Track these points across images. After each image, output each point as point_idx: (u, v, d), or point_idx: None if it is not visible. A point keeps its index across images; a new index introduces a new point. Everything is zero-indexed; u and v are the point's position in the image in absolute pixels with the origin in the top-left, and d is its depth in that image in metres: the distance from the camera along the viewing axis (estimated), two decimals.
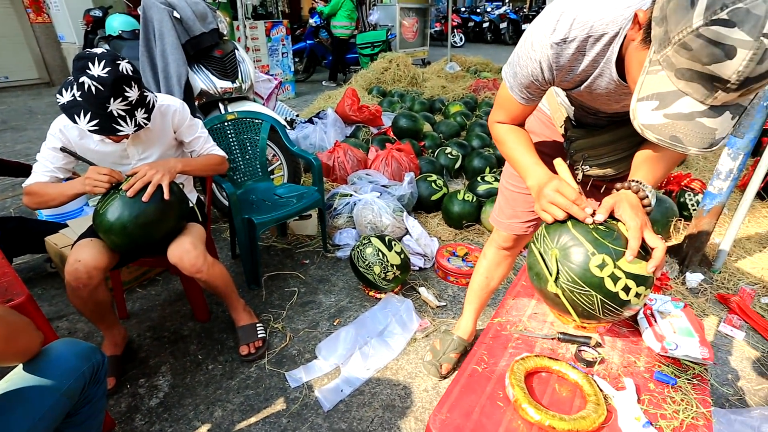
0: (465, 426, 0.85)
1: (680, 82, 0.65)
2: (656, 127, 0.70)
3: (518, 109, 1.04)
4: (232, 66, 2.62)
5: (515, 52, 0.94)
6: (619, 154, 1.12)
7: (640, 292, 0.95)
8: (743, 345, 1.91)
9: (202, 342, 1.87)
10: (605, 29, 0.81)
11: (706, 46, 0.59)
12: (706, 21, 0.58)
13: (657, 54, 0.67)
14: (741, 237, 2.69)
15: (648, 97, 0.69)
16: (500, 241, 1.49)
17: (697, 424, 0.88)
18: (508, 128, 1.08)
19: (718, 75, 0.60)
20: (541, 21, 0.86)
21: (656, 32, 0.66)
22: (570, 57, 0.86)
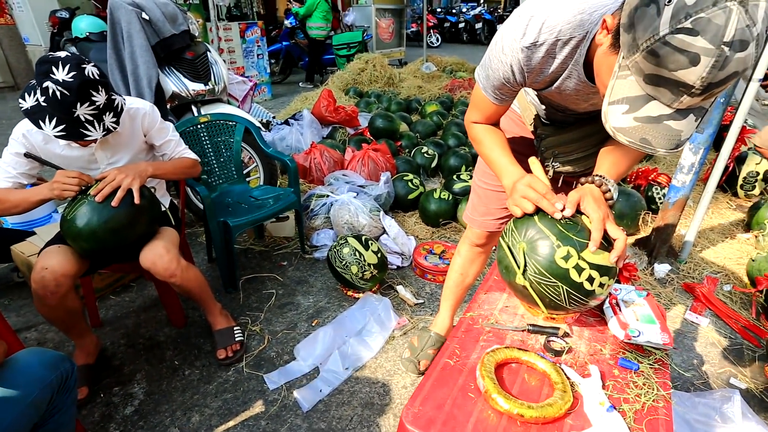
0: (437, 418, 0.87)
1: (648, 87, 0.68)
2: (627, 130, 0.73)
3: (492, 108, 1.07)
4: (205, 68, 2.59)
5: (487, 55, 0.97)
6: (588, 150, 1.16)
7: (603, 282, 0.99)
8: (707, 331, 1.99)
9: (179, 348, 1.85)
10: (573, 33, 0.84)
11: (672, 53, 0.62)
12: (672, 29, 0.61)
13: (626, 59, 0.69)
14: (705, 228, 2.80)
15: (618, 101, 0.72)
16: (473, 239, 1.51)
17: (657, 406, 0.92)
18: (485, 128, 1.11)
19: (684, 81, 0.63)
20: (511, 25, 0.89)
21: (624, 39, 0.69)
22: (540, 60, 0.89)
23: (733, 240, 2.68)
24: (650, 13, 0.63)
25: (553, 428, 0.85)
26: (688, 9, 0.59)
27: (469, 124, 1.14)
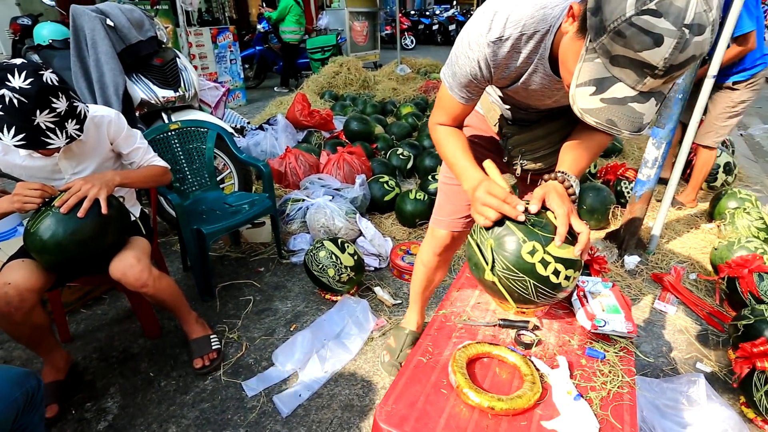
0: (410, 415, 0.88)
1: (615, 69, 0.71)
2: (594, 111, 0.75)
3: (458, 108, 1.08)
4: (174, 74, 2.55)
5: (453, 53, 0.98)
6: (554, 146, 1.19)
7: (569, 275, 1.02)
8: (675, 319, 2.07)
9: (154, 359, 1.81)
10: (537, 27, 0.87)
11: (638, 33, 0.64)
12: (638, 11, 0.63)
13: (593, 42, 0.72)
14: (671, 220, 2.90)
15: (586, 83, 0.74)
16: (437, 245, 1.49)
17: (622, 392, 0.95)
18: (448, 131, 1.12)
19: (648, 61, 0.66)
20: (476, 21, 0.91)
21: (591, 22, 0.71)
22: (506, 55, 0.91)
23: (697, 230, 2.79)
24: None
25: (523, 419, 0.88)
26: None
27: (434, 126, 1.15)
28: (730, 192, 2.78)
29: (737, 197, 2.71)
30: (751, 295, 1.96)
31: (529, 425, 0.87)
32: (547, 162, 1.25)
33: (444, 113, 1.11)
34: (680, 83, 2.03)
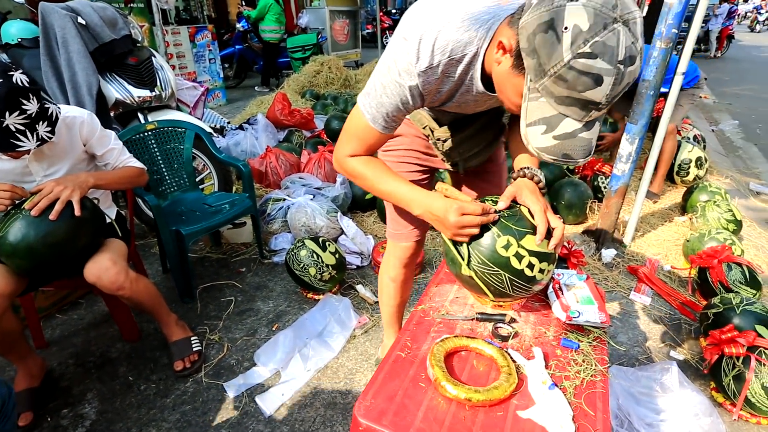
0: (388, 409, 0.89)
1: (561, 107, 0.73)
2: (548, 149, 0.78)
3: (378, 139, 1.00)
4: (150, 74, 2.51)
5: (377, 82, 0.91)
6: (488, 140, 1.22)
7: (543, 268, 1.05)
8: (650, 309, 2.13)
9: (133, 363, 1.78)
10: (464, 50, 0.85)
11: (578, 76, 0.67)
12: (574, 54, 0.66)
13: (534, 83, 0.73)
14: (646, 214, 2.98)
15: (535, 122, 0.76)
16: (403, 257, 1.44)
17: (595, 380, 0.98)
18: (365, 160, 1.03)
19: (592, 99, 0.70)
20: (402, 49, 0.86)
21: (529, 63, 0.72)
22: (436, 80, 0.89)
23: (671, 223, 2.87)
24: (550, 39, 0.67)
25: (499, 409, 0.89)
26: (584, 35, 0.65)
27: (344, 159, 1.03)
28: (701, 186, 2.86)
29: (708, 190, 2.80)
30: (720, 285, 2.03)
31: (505, 415, 0.89)
32: (483, 156, 1.27)
33: (359, 144, 1.01)
34: (650, 80, 2.09)
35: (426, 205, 0.98)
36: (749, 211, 3.18)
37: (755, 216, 3.11)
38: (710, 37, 11.31)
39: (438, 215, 0.96)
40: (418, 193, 1.00)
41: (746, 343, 1.53)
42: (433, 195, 0.99)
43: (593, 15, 0.65)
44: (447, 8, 0.85)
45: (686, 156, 3.29)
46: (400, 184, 1.02)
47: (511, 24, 0.78)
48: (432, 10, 0.86)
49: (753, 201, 3.45)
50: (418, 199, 0.99)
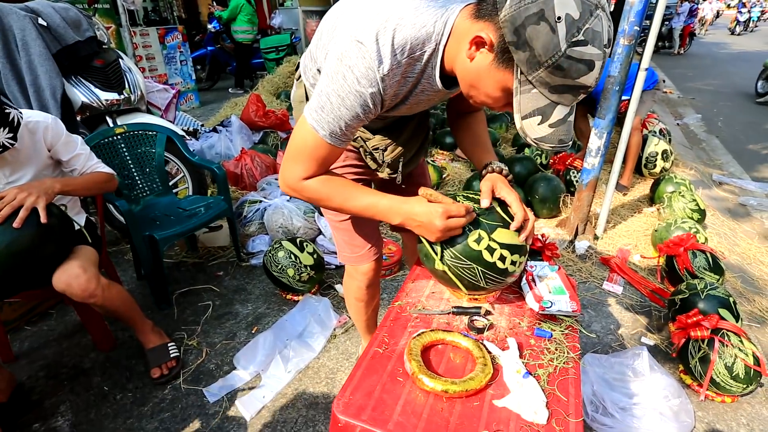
0: (367, 405, 0.90)
1: (554, 96, 0.75)
2: (546, 138, 0.79)
3: (334, 154, 0.93)
4: (117, 76, 2.45)
5: (332, 94, 0.84)
6: (419, 141, 1.21)
7: (515, 260, 1.07)
8: (622, 298, 2.20)
9: (108, 372, 1.74)
10: (423, 47, 0.83)
11: (574, 63, 0.69)
12: (569, 43, 0.68)
13: (527, 75, 0.73)
14: (617, 206, 3.07)
15: (531, 114, 0.77)
16: (365, 279, 1.39)
17: (567, 367, 1.01)
18: (324, 180, 0.96)
19: (584, 83, 0.72)
20: (359, 53, 0.80)
21: (520, 56, 0.71)
22: (396, 83, 0.86)
23: (640, 214, 2.97)
24: (543, 31, 0.67)
25: (475, 399, 0.92)
26: (577, 23, 0.67)
27: (298, 184, 0.94)
28: (667, 177, 2.97)
29: (673, 182, 2.91)
30: (686, 272, 2.11)
31: (481, 405, 0.91)
32: (419, 157, 1.26)
33: (314, 164, 0.92)
34: (616, 76, 2.16)
35: (406, 212, 0.95)
36: (712, 200, 3.32)
37: (718, 205, 3.24)
38: (673, 35, 11.71)
39: (422, 221, 0.94)
40: (395, 202, 0.96)
41: (710, 326, 1.60)
42: (411, 201, 0.97)
43: (580, 3, 0.67)
44: (392, 3, 0.82)
45: (653, 149, 3.40)
46: (374, 196, 0.97)
47: (478, 17, 0.77)
48: (376, 7, 0.83)
49: (716, 191, 3.60)
50: (397, 208, 0.96)
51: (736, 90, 7.74)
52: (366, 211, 0.98)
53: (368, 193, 0.98)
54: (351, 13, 0.88)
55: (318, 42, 1.00)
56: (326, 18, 1.00)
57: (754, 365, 1.51)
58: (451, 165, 3.55)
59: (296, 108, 1.19)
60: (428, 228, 0.95)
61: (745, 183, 3.82)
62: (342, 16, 0.91)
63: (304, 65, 1.10)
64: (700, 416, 1.57)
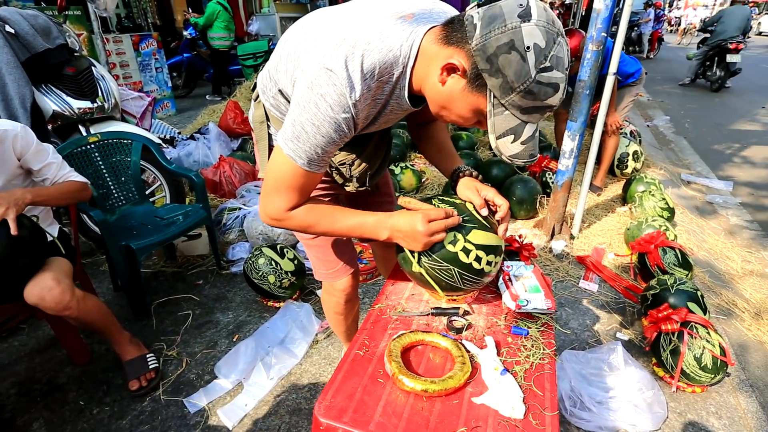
0: (348, 407, 0.91)
1: (524, 116, 0.81)
2: (519, 154, 0.86)
3: (313, 180, 0.94)
4: (90, 84, 2.41)
5: (306, 123, 0.84)
6: (383, 153, 1.23)
7: (490, 260, 1.10)
8: (598, 295, 2.26)
9: (84, 386, 1.70)
10: (392, 70, 0.85)
11: (543, 87, 0.76)
12: (538, 70, 0.74)
13: (500, 99, 0.79)
14: (591, 206, 3.16)
15: (505, 134, 0.83)
16: (343, 293, 1.39)
17: (543, 363, 1.04)
18: (309, 208, 0.97)
19: (550, 104, 0.80)
20: (329, 81, 0.81)
21: (493, 82, 0.77)
22: (367, 106, 0.88)
23: (613, 213, 3.06)
24: (515, 59, 0.73)
25: (455, 398, 0.94)
26: (543, 51, 0.74)
27: (284, 215, 0.95)
28: (638, 177, 3.07)
29: (644, 181, 3.01)
30: (657, 268, 2.19)
31: (461, 403, 0.93)
32: (384, 169, 1.28)
33: (296, 193, 0.93)
34: (586, 80, 2.23)
35: (391, 225, 0.98)
36: (681, 199, 3.44)
37: (686, 203, 3.37)
38: (643, 40, 12.12)
39: (406, 230, 0.96)
40: (381, 217, 0.98)
41: (679, 319, 1.67)
42: (394, 215, 0.99)
43: (545, 33, 0.74)
44: (356, 28, 0.84)
45: (624, 150, 3.52)
46: (360, 216, 0.98)
47: (447, 43, 0.80)
48: (340, 32, 0.84)
49: (684, 190, 3.73)
50: (384, 223, 0.98)
51: (703, 92, 8.05)
52: (353, 231, 0.99)
53: (353, 213, 0.99)
54: (314, 37, 0.89)
55: (278, 65, 0.98)
56: (285, 40, 0.99)
57: (720, 356, 1.58)
58: (430, 169, 3.59)
59: (256, 129, 1.17)
60: (413, 236, 0.96)
61: (711, 181, 3.98)
62: (304, 41, 0.91)
63: (263, 85, 1.08)
64: (672, 407, 1.62)
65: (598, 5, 2.09)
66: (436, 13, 0.90)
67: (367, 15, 0.87)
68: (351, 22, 0.86)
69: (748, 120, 6.09)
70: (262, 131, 1.18)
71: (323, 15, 0.95)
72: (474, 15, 0.77)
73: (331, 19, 0.90)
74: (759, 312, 2.23)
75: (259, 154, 1.23)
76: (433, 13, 0.90)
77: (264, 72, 1.09)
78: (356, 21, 0.86)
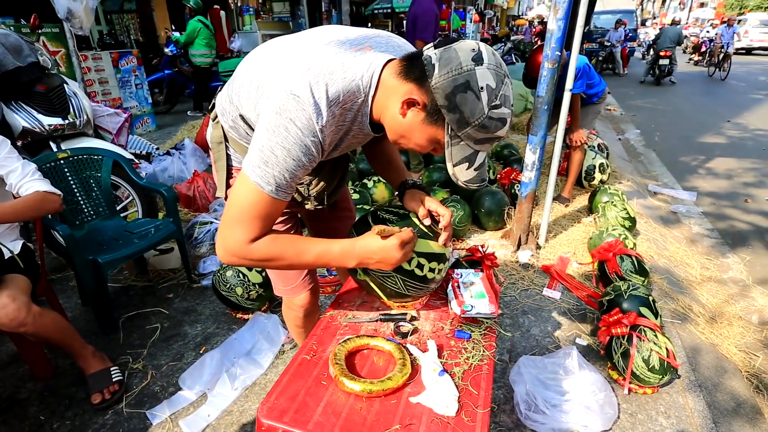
0: (290, 408, 0.95)
1: (477, 146, 0.90)
2: (473, 179, 0.95)
3: (278, 209, 0.94)
4: (61, 101, 2.44)
5: (275, 148, 0.85)
6: (341, 172, 1.28)
7: (433, 267, 1.16)
8: (560, 303, 2.33)
9: (45, 401, 1.70)
10: (354, 98, 0.91)
11: (494, 122, 0.85)
12: (490, 107, 0.84)
13: (457, 131, 0.87)
14: (558, 216, 3.26)
15: (460, 162, 0.92)
16: (303, 309, 1.41)
17: (482, 364, 1.10)
18: (272, 239, 0.95)
19: (499, 135, 0.90)
20: (297, 107, 0.84)
21: (451, 117, 0.85)
22: (332, 131, 0.92)
23: (580, 224, 3.16)
24: (471, 98, 0.82)
25: (393, 398, 0.98)
26: (494, 90, 0.83)
27: (246, 248, 0.93)
28: (602, 189, 3.19)
29: (608, 192, 3.12)
30: (616, 275, 2.28)
31: (398, 402, 0.97)
32: (341, 189, 1.33)
33: (260, 223, 0.92)
34: (543, 96, 2.34)
35: (360, 254, 1.00)
36: (647, 209, 3.57)
37: (651, 213, 3.49)
38: (615, 57, 12.55)
39: (381, 257, 1.00)
40: (345, 245, 1.00)
41: (629, 323, 1.74)
42: (361, 240, 1.01)
43: (495, 74, 0.84)
44: (319, 57, 0.89)
45: (591, 162, 3.64)
46: (324, 244, 0.99)
47: (407, 78, 0.87)
48: (303, 61, 0.89)
49: (651, 200, 3.87)
50: (350, 251, 1.00)
51: (673, 107, 8.35)
52: (319, 261, 1.00)
53: (317, 242, 0.99)
54: (278, 66, 0.92)
55: (239, 91, 1.01)
56: (247, 68, 1.01)
57: (666, 357, 1.65)
58: None
59: (214, 149, 1.20)
60: (388, 261, 1.01)
61: (676, 192, 4.13)
62: (267, 70, 0.95)
63: (222, 107, 1.11)
64: (624, 408, 1.68)
65: (551, 26, 2.21)
66: (392, 46, 0.99)
67: (329, 45, 0.93)
68: (313, 52, 0.92)
69: (713, 133, 6.34)
70: (220, 151, 1.20)
71: (284, 44, 0.99)
72: (432, 55, 0.85)
73: (293, 49, 0.95)
74: (714, 316, 2.33)
75: (216, 173, 1.26)
76: (389, 46, 0.98)
77: (223, 95, 1.11)
78: (318, 51, 0.92)
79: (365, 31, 1.01)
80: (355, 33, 0.98)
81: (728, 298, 2.51)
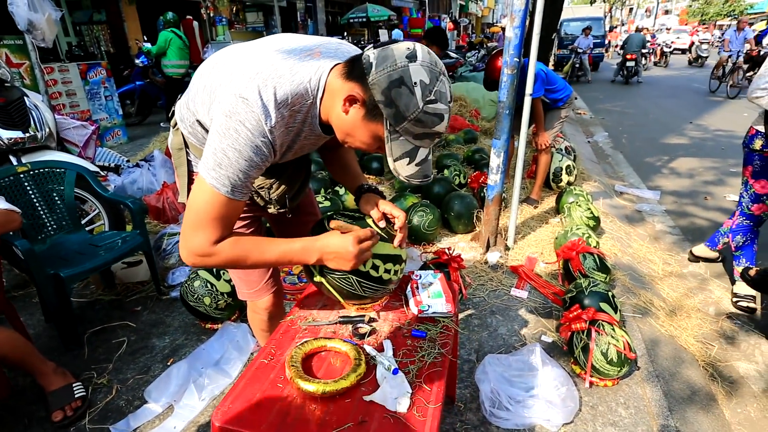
0: (244, 411, 0.96)
1: (417, 141, 0.93)
2: (414, 174, 0.97)
3: (237, 209, 0.97)
4: (21, 114, 2.40)
5: (228, 150, 0.88)
6: (301, 176, 1.30)
7: (389, 268, 1.19)
8: (527, 302, 2.38)
9: (3, 422, 1.65)
10: (303, 101, 0.94)
11: (429, 117, 0.88)
12: (425, 101, 0.86)
13: (394, 126, 0.89)
14: (527, 218, 3.34)
15: (400, 157, 0.94)
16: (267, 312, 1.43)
17: (437, 361, 1.13)
18: (234, 241, 0.97)
19: (438, 131, 0.92)
20: (246, 109, 0.87)
21: (388, 112, 0.87)
22: (282, 133, 0.94)
23: (547, 224, 3.24)
24: (405, 93, 0.86)
25: (347, 397, 1.01)
26: (428, 86, 0.87)
27: (209, 250, 0.94)
28: (568, 190, 3.28)
29: (573, 193, 3.21)
30: (579, 273, 2.35)
31: (353, 401, 1.00)
32: (303, 192, 1.36)
33: (220, 225, 0.94)
34: (505, 101, 2.41)
35: (319, 249, 1.03)
36: (613, 208, 3.68)
37: (617, 212, 3.61)
38: (584, 65, 12.95)
39: (337, 251, 1.02)
40: (307, 242, 1.04)
41: (587, 318, 1.80)
42: (322, 237, 1.05)
43: (429, 71, 0.87)
44: (268, 62, 0.93)
45: (558, 165, 3.75)
46: (286, 243, 1.03)
47: (348, 78, 0.91)
48: (252, 66, 0.92)
49: (616, 200, 4.00)
50: (310, 247, 1.03)
51: (639, 110, 8.64)
52: (282, 259, 1.03)
53: (280, 241, 1.03)
54: (228, 72, 0.95)
55: (195, 97, 1.04)
56: (201, 75, 1.05)
57: (623, 350, 1.71)
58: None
59: (175, 155, 1.22)
60: (344, 257, 1.03)
61: (641, 192, 4.27)
62: (219, 75, 0.98)
63: (181, 114, 1.14)
64: (586, 400, 1.74)
65: (509, 33, 2.29)
66: (341, 52, 1.02)
67: (278, 52, 0.97)
68: (263, 58, 0.95)
69: (677, 134, 6.58)
70: (181, 157, 1.23)
71: (236, 51, 1.03)
72: (370, 55, 0.89)
73: (244, 55, 0.99)
74: (674, 309, 2.42)
75: (178, 179, 1.28)
76: (338, 52, 1.01)
77: (182, 102, 1.14)
78: (268, 57, 0.95)
79: (316, 39, 1.05)
80: (306, 40, 1.02)
81: (687, 292, 2.61)
